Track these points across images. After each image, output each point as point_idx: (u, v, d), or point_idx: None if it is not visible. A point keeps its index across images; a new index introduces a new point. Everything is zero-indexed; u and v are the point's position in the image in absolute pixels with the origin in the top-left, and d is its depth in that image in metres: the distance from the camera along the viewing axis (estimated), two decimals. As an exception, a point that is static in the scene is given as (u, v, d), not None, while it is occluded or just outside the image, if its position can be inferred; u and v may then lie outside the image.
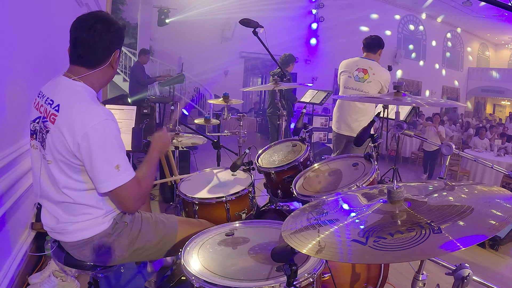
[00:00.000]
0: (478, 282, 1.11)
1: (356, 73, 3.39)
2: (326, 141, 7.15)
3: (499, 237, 3.29)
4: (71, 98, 1.35)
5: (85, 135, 1.28)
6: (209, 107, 10.96)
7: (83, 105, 1.34)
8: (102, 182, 1.33)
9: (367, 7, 13.61)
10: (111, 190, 1.34)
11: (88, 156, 1.29)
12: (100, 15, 1.40)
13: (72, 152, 1.31)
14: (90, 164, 1.30)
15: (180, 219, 1.74)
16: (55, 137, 1.33)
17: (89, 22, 1.36)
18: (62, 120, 1.32)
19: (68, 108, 1.33)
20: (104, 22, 1.38)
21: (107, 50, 1.40)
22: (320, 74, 13.13)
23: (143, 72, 6.80)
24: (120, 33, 1.43)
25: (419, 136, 2.28)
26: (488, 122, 13.60)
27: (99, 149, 1.30)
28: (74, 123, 1.29)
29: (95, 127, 1.29)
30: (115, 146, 1.34)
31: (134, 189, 1.38)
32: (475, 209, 0.87)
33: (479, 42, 19.22)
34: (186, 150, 4.32)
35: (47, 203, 1.46)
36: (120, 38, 1.44)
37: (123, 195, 1.36)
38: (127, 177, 1.35)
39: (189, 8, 10.77)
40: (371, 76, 3.35)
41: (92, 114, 1.31)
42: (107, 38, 1.38)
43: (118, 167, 1.33)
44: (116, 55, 1.44)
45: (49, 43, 2.82)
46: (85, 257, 1.48)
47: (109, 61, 1.43)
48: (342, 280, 1.60)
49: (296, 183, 2.06)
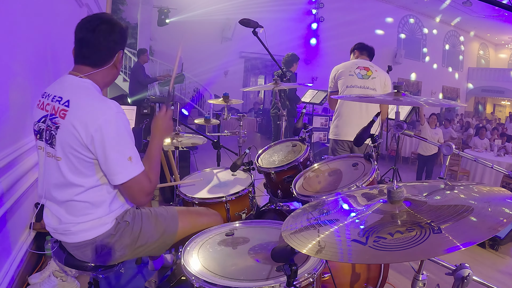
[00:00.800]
0: (478, 282, 1.11)
1: (358, 71, 3.23)
2: (326, 141, 7.14)
3: (499, 237, 3.29)
4: (80, 93, 1.38)
5: (98, 128, 1.30)
6: (209, 107, 10.96)
7: (94, 99, 1.38)
8: (116, 174, 1.35)
9: (367, 7, 13.61)
10: (125, 182, 1.36)
11: (102, 148, 1.32)
12: (104, 16, 1.44)
13: (85, 145, 1.33)
14: (103, 156, 1.33)
15: (179, 210, 1.75)
16: (67, 131, 1.34)
17: (93, 23, 1.40)
18: (73, 114, 1.34)
19: (78, 102, 1.36)
20: (108, 23, 1.42)
21: (111, 50, 1.44)
22: (320, 74, 13.12)
23: (143, 72, 6.80)
24: (123, 34, 1.47)
25: (419, 136, 2.29)
26: (488, 122, 13.61)
27: (113, 141, 1.33)
28: (87, 116, 1.32)
29: (109, 119, 1.32)
30: (127, 138, 1.38)
31: (145, 181, 1.42)
32: (475, 209, 0.87)
33: (479, 42, 19.23)
34: (186, 150, 4.32)
35: (50, 203, 1.47)
36: (123, 39, 1.48)
37: (135, 187, 1.40)
38: (139, 169, 1.39)
39: (189, 8, 10.77)
40: (374, 73, 3.21)
41: (104, 107, 1.35)
42: (111, 39, 1.42)
43: (131, 158, 1.36)
44: (120, 56, 1.49)
45: (49, 43, 2.82)
46: (86, 257, 1.49)
47: (112, 61, 1.47)
48: (342, 280, 1.60)
49: (296, 183, 2.06)
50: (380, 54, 15.71)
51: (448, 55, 17.54)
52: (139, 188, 1.40)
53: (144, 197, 1.44)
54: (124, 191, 1.46)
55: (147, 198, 1.46)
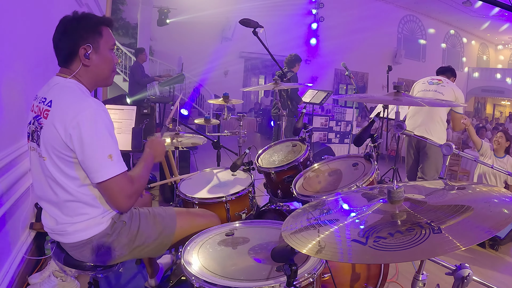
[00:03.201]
0: (478, 282, 1.11)
1: (430, 80, 3.63)
2: (326, 141, 7.15)
3: (499, 237, 3.28)
4: (62, 92, 1.37)
5: (76, 125, 1.28)
6: (209, 107, 10.96)
7: (74, 97, 1.35)
8: (94, 172, 1.32)
9: (367, 7, 13.62)
10: (103, 181, 1.33)
11: (80, 145, 1.29)
12: (70, 15, 1.42)
13: (65, 144, 1.31)
14: (82, 153, 1.30)
15: (178, 211, 1.73)
16: (49, 131, 1.33)
17: (59, 24, 1.41)
18: (54, 114, 1.33)
19: (60, 102, 1.34)
20: (71, 21, 1.40)
21: (69, 48, 1.40)
22: (320, 74, 13.14)
23: (142, 71, 6.80)
24: (85, 28, 1.40)
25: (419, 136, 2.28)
26: (487, 122, 13.60)
27: (91, 138, 1.30)
28: (66, 114, 1.30)
29: (86, 116, 1.30)
30: (107, 136, 1.34)
31: (126, 184, 1.37)
32: (475, 209, 0.87)
33: (479, 42, 19.23)
34: (186, 150, 4.32)
35: (46, 204, 1.46)
36: (86, 33, 1.40)
37: (115, 189, 1.35)
38: (119, 169, 1.35)
39: (189, 8, 10.78)
40: (444, 83, 3.53)
41: (83, 105, 1.32)
42: (68, 36, 1.39)
43: (111, 157, 1.32)
44: (87, 51, 1.40)
45: (48, 43, 2.80)
46: (85, 257, 1.48)
47: (78, 59, 1.41)
48: (342, 280, 1.60)
49: (296, 183, 2.06)
50: (380, 54, 15.80)
51: (448, 55, 17.54)
52: (118, 189, 1.35)
53: (124, 200, 1.37)
54: (103, 192, 1.38)
55: (128, 202, 1.39)
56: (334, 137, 7.20)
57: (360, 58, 13.19)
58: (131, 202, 1.41)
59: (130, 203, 1.41)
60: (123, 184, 1.36)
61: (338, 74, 13.94)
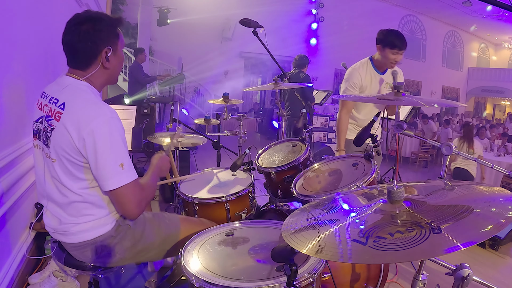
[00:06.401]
0: (478, 282, 1.11)
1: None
2: (326, 141, 7.15)
3: (499, 237, 3.28)
4: (76, 96, 1.36)
5: (90, 131, 1.28)
6: (208, 107, 10.96)
7: (89, 103, 1.34)
8: (106, 180, 1.32)
9: (367, 7, 13.60)
10: (115, 189, 1.32)
11: (93, 152, 1.29)
12: (83, 15, 1.36)
13: (77, 149, 1.31)
14: (95, 161, 1.30)
15: (181, 218, 1.74)
16: (60, 134, 1.33)
17: (72, 24, 1.35)
18: (67, 117, 1.32)
19: (73, 105, 1.33)
20: (87, 22, 1.35)
21: (91, 51, 1.37)
22: (320, 74, 13.11)
23: (141, 71, 6.81)
24: (106, 30, 1.38)
25: (419, 136, 2.29)
26: (487, 122, 13.60)
27: (105, 146, 1.30)
28: (80, 120, 1.30)
29: (101, 124, 1.29)
30: (120, 144, 1.34)
31: (137, 192, 1.37)
32: (475, 209, 0.87)
33: (479, 42, 19.22)
34: (186, 150, 4.32)
35: (50, 204, 1.46)
36: (107, 36, 1.38)
37: (125, 196, 1.35)
38: (130, 177, 1.35)
39: (189, 8, 10.76)
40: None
41: (98, 111, 1.32)
42: (89, 39, 1.35)
43: (123, 165, 1.33)
44: (107, 54, 1.39)
45: (49, 43, 2.82)
46: (86, 258, 1.48)
47: (99, 62, 1.40)
48: (342, 280, 1.60)
49: (296, 183, 2.06)
50: (380, 54, 15.26)
51: (448, 55, 17.54)
52: (129, 197, 1.35)
53: (134, 207, 1.37)
54: (114, 199, 1.38)
55: (138, 209, 1.39)
56: (334, 137, 7.21)
57: (360, 58, 13.14)
58: (141, 209, 1.41)
59: (139, 211, 1.41)
60: (133, 191, 1.36)
61: (338, 74, 13.93)
